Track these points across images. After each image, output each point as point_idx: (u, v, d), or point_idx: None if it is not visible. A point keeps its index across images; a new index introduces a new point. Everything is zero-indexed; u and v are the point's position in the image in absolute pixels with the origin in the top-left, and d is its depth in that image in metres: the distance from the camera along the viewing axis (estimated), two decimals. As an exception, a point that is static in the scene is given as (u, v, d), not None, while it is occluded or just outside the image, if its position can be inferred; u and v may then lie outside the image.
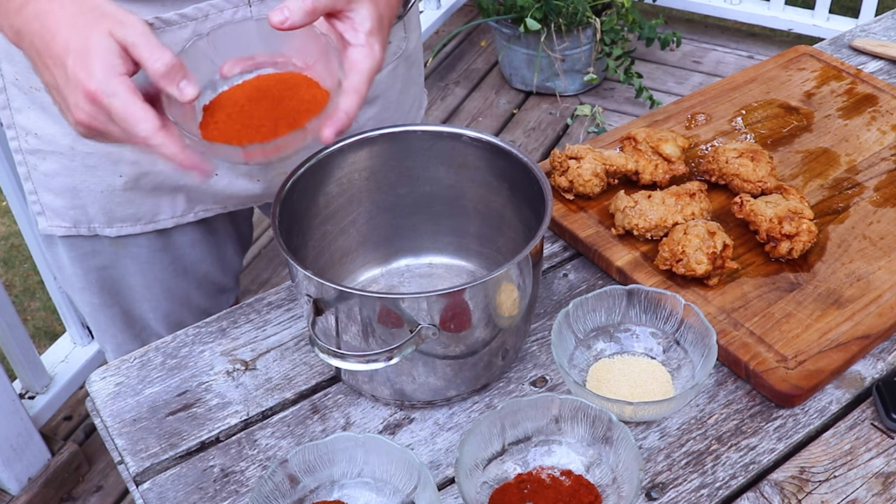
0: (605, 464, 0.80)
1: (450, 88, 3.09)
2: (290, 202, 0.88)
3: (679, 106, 1.26)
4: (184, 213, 1.07)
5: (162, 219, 1.06)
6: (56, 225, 1.04)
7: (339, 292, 0.80)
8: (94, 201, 1.02)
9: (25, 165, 1.01)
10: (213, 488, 0.84)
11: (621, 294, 0.92)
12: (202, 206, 1.07)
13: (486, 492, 0.79)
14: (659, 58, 3.19)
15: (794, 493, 0.81)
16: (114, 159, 0.99)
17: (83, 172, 1.00)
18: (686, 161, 1.14)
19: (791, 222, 0.99)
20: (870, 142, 1.19)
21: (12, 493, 1.79)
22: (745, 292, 0.97)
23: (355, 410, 0.91)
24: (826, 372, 0.88)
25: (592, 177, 1.07)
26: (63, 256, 1.09)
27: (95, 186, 1.01)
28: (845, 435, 0.86)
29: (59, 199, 1.02)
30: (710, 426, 0.87)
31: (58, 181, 1.01)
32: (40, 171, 1.00)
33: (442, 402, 0.90)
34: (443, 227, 1.02)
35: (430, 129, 0.95)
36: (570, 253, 1.07)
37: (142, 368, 0.96)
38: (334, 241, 0.99)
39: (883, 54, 1.38)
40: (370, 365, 0.79)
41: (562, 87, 2.96)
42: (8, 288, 2.40)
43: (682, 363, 0.90)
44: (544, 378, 0.93)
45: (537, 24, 2.74)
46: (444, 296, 0.79)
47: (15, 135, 0.99)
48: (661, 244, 0.99)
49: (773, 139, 1.20)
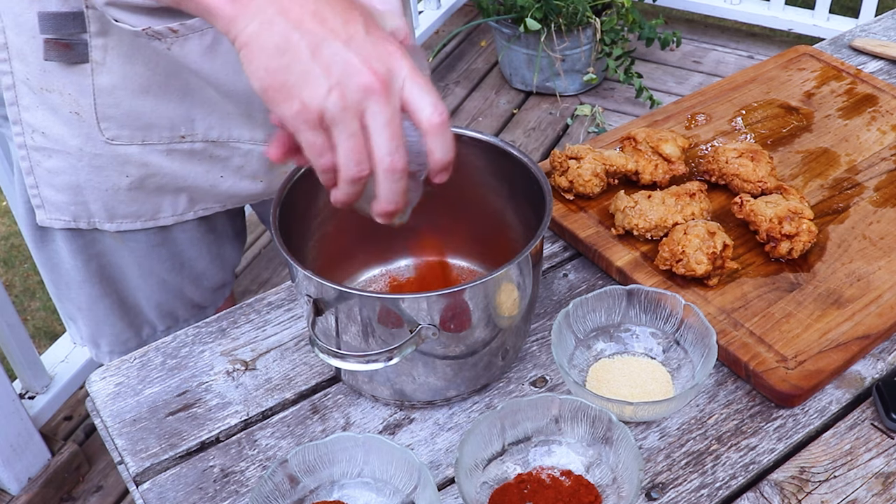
0: (605, 464, 0.80)
1: (450, 88, 3.09)
2: (290, 202, 0.88)
3: (679, 106, 1.26)
4: (184, 212, 1.07)
5: (163, 216, 1.07)
6: (55, 218, 1.05)
7: (339, 292, 0.80)
8: (98, 199, 1.02)
9: (29, 160, 1.01)
10: (213, 488, 0.84)
11: (621, 294, 0.92)
12: (203, 204, 1.08)
13: (486, 492, 0.79)
14: (659, 58, 3.19)
15: (794, 493, 0.81)
16: (121, 161, 1.00)
17: (89, 172, 1.00)
18: (686, 161, 1.14)
19: (791, 222, 0.99)
20: (870, 142, 1.19)
21: (12, 493, 1.79)
22: (745, 292, 0.97)
23: (355, 411, 0.91)
24: (826, 372, 0.88)
25: (592, 177, 1.07)
26: (62, 250, 1.09)
27: (100, 185, 1.01)
28: (845, 435, 0.86)
29: (61, 194, 1.02)
30: (710, 426, 0.87)
31: (61, 178, 1.01)
32: (44, 167, 1.01)
33: (442, 402, 0.90)
34: (443, 227, 1.02)
35: (430, 129, 0.94)
36: (570, 253, 1.07)
37: (142, 368, 0.96)
38: (334, 241, 0.98)
39: (883, 54, 1.38)
40: (370, 365, 0.79)
41: (562, 87, 2.96)
42: (8, 288, 2.40)
43: (682, 363, 0.90)
44: (544, 378, 0.93)
45: (537, 24, 2.74)
46: (444, 296, 0.79)
47: (21, 131, 0.99)
48: (661, 244, 0.99)
49: (773, 139, 1.20)
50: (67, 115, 0.96)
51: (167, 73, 0.94)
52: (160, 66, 0.94)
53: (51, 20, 0.90)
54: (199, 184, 1.04)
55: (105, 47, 0.92)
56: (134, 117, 0.97)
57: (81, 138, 0.98)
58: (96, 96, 0.95)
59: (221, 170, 1.04)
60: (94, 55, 0.92)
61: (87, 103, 0.95)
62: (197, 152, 1.01)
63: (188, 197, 1.06)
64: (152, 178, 1.02)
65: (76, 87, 0.94)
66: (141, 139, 0.99)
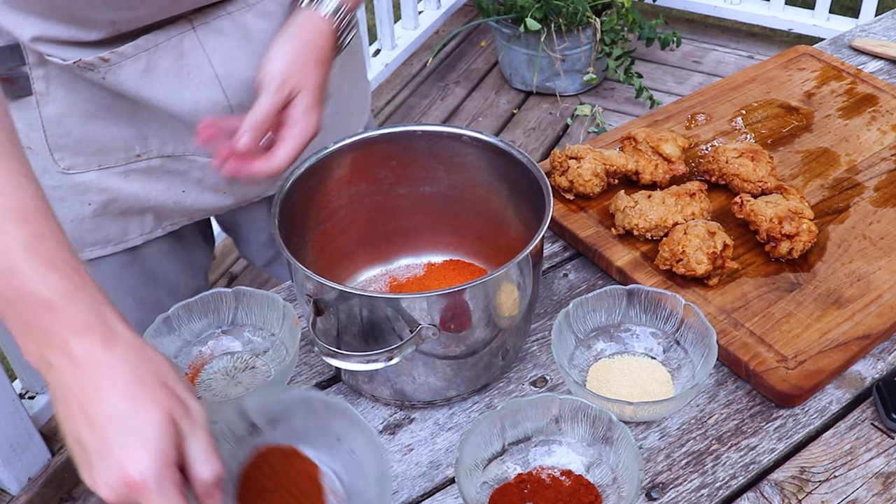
0: (605, 464, 0.80)
1: (450, 88, 3.09)
2: (290, 202, 0.88)
3: (679, 106, 1.26)
4: (153, 230, 1.06)
5: (131, 237, 1.06)
6: None
7: (339, 292, 0.80)
8: (65, 231, 1.01)
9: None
10: (213, 488, 0.84)
11: (621, 294, 0.92)
12: (170, 220, 1.07)
13: (486, 492, 0.79)
14: (659, 58, 3.19)
15: (794, 493, 0.81)
16: (81, 189, 0.98)
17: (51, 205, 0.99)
18: (686, 161, 1.14)
19: (791, 222, 0.99)
20: (870, 142, 1.18)
21: (12, 493, 1.79)
22: (745, 292, 0.97)
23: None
24: (826, 372, 0.88)
25: (592, 177, 1.07)
26: None
27: (65, 217, 0.99)
28: (845, 435, 0.86)
29: None
30: (710, 426, 0.87)
31: None
32: None
33: (442, 402, 0.90)
34: (443, 227, 1.02)
35: (429, 129, 0.95)
36: (570, 253, 1.07)
37: (142, 368, 0.95)
38: (334, 241, 0.98)
39: (883, 54, 1.38)
40: (370, 365, 0.78)
41: (562, 87, 2.96)
42: (8, 288, 2.39)
43: (682, 363, 0.90)
44: (544, 378, 0.93)
45: (537, 24, 2.74)
46: (444, 296, 0.79)
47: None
48: (661, 244, 0.99)
49: (773, 139, 1.20)
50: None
51: (112, 97, 0.93)
52: (104, 90, 0.92)
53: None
54: (163, 202, 1.03)
55: (46, 77, 0.91)
56: (86, 143, 0.95)
57: (37, 172, 0.96)
58: (45, 127, 0.93)
59: (182, 184, 1.03)
60: (37, 86, 0.91)
61: (38, 136, 0.94)
62: (154, 169, 1.00)
63: (154, 215, 1.05)
64: (115, 203, 1.00)
65: (24, 122, 0.93)
66: (97, 164, 0.97)
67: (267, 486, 0.76)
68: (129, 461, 0.60)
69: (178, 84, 0.92)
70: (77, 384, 0.62)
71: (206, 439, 0.64)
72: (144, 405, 0.62)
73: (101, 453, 0.61)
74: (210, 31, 0.92)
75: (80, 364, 0.62)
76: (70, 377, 0.62)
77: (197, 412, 0.65)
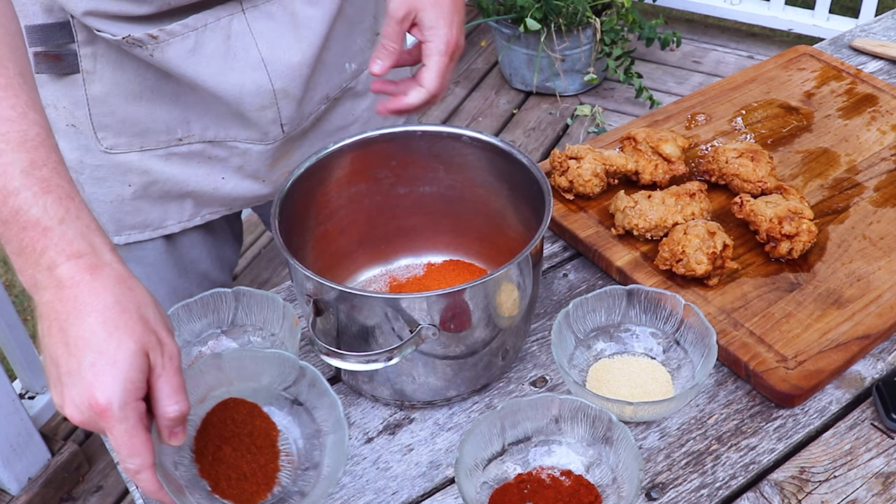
0: (605, 464, 0.80)
1: (450, 88, 3.09)
2: (290, 202, 0.88)
3: (679, 106, 1.26)
4: (191, 218, 1.07)
5: (169, 224, 1.06)
6: None
7: (339, 292, 0.80)
8: (103, 212, 1.02)
9: None
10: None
11: (621, 294, 0.92)
12: (208, 209, 1.08)
13: (486, 492, 0.79)
14: (659, 58, 3.19)
15: (794, 493, 0.81)
16: (122, 170, 0.99)
17: (92, 185, 1.00)
18: (686, 161, 1.14)
19: (791, 222, 0.99)
20: (870, 142, 1.18)
21: (12, 493, 1.79)
22: (745, 292, 0.97)
23: (355, 410, 0.91)
24: (826, 372, 0.88)
25: (592, 177, 1.07)
26: None
27: (104, 197, 1.01)
28: (845, 435, 0.86)
29: None
30: (710, 426, 0.87)
31: None
32: None
33: (442, 402, 0.90)
34: (443, 227, 1.02)
35: (429, 129, 0.95)
36: (570, 253, 1.07)
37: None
38: (334, 241, 0.98)
39: (883, 54, 1.38)
40: (370, 365, 0.79)
41: (562, 87, 2.96)
42: (8, 288, 2.40)
43: (682, 363, 0.90)
44: (544, 378, 0.93)
45: (537, 24, 2.74)
46: (444, 296, 0.79)
47: None
48: (661, 244, 0.99)
49: (773, 139, 1.20)
50: (64, 128, 0.96)
51: (157, 77, 0.94)
52: (149, 70, 0.93)
53: (38, 32, 0.90)
54: (202, 187, 1.04)
55: (94, 56, 0.92)
56: (130, 124, 0.97)
57: (80, 151, 0.97)
58: (91, 106, 0.95)
59: (222, 171, 1.04)
60: (85, 64, 0.92)
61: (83, 114, 0.95)
62: (195, 154, 1.01)
63: (193, 202, 1.06)
64: (155, 186, 1.02)
65: (70, 99, 0.94)
66: (139, 146, 0.98)
67: (224, 435, 0.78)
68: (97, 385, 0.61)
69: (224, 66, 0.93)
70: (60, 304, 0.63)
71: (177, 378, 0.66)
72: (120, 333, 0.63)
73: (72, 374, 0.63)
74: (259, 15, 0.93)
75: (65, 285, 0.63)
76: (54, 297, 0.63)
77: (171, 350, 0.66)
